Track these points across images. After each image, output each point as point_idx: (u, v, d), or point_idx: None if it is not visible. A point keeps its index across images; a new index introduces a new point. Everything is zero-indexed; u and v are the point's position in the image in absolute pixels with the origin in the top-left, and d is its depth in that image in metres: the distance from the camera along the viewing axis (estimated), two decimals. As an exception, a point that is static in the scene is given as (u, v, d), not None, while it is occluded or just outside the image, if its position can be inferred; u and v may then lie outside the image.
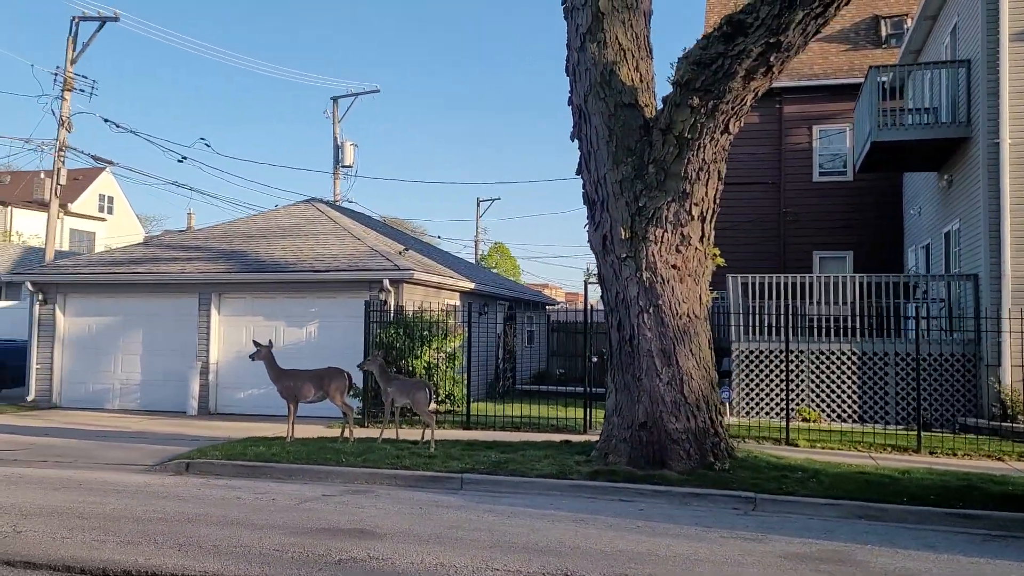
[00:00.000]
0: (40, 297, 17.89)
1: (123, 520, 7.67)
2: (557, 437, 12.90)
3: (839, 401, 15.37)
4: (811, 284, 16.11)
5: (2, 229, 41.18)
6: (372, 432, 13.01)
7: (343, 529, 7.44)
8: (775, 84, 20.00)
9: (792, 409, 14.60)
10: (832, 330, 15.58)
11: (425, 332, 14.96)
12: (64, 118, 24.46)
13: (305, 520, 7.78)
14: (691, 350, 10.09)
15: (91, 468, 10.62)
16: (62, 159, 24.67)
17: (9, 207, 41.90)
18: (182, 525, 7.49)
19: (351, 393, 13.08)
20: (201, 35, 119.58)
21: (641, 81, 10.45)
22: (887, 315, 15.53)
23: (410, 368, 14.57)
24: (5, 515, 7.78)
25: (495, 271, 46.92)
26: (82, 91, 25.45)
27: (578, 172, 10.92)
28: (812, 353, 15.48)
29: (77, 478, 9.87)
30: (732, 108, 9.74)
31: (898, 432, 13.39)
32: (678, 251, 10.08)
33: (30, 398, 17.72)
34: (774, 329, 15.78)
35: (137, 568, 6.10)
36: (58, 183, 24.95)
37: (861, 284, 15.78)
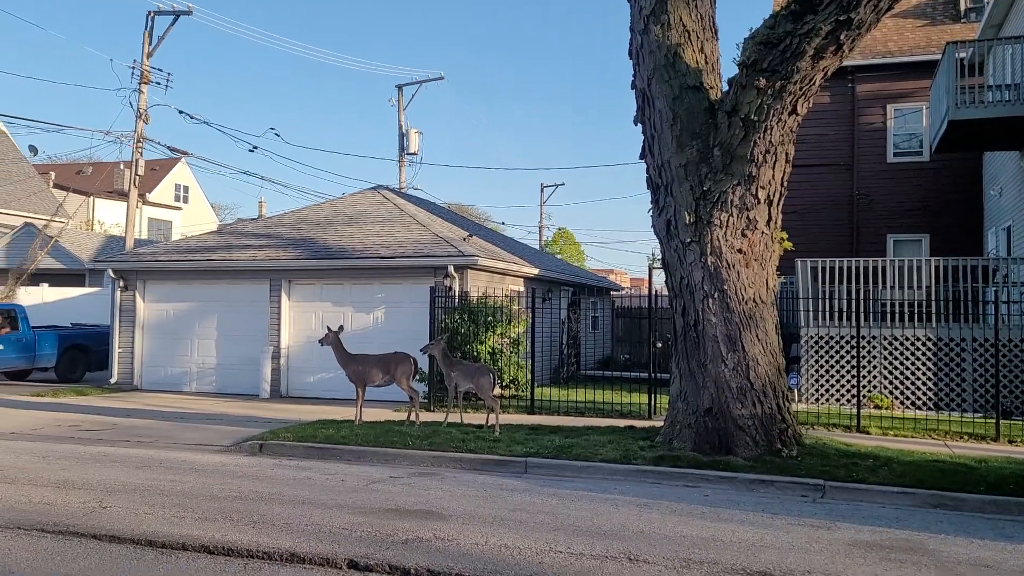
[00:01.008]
0: (121, 284, 18.58)
1: (200, 498, 7.97)
2: (621, 422, 12.89)
3: (913, 388, 14.96)
4: (884, 268, 15.68)
5: (85, 218, 42.82)
6: (437, 416, 13.20)
7: (410, 510, 7.60)
8: (847, 62, 19.43)
9: (863, 396, 14.28)
10: (906, 315, 15.16)
11: (489, 318, 15.07)
12: (141, 110, 25.26)
13: (373, 501, 7.96)
14: (757, 336, 9.96)
15: (170, 448, 11.04)
16: (140, 150, 25.50)
17: (91, 197, 43.52)
18: (256, 503, 7.75)
19: (417, 378, 13.28)
20: (270, 27, 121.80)
21: (706, 63, 10.30)
22: (965, 300, 15.03)
23: (475, 353, 14.70)
24: (91, 491, 8.17)
25: (559, 257, 46.90)
26: (158, 84, 26.24)
27: (641, 156, 10.83)
28: (885, 339, 15.10)
29: (157, 457, 10.28)
30: (800, 88, 9.53)
31: (975, 420, 13.00)
32: (744, 235, 9.94)
33: (113, 381, 18.47)
34: (845, 314, 15.43)
35: (214, 543, 6.35)
36: (136, 174, 25.80)
37: (937, 268, 15.30)
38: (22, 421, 13.14)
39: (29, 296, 24.69)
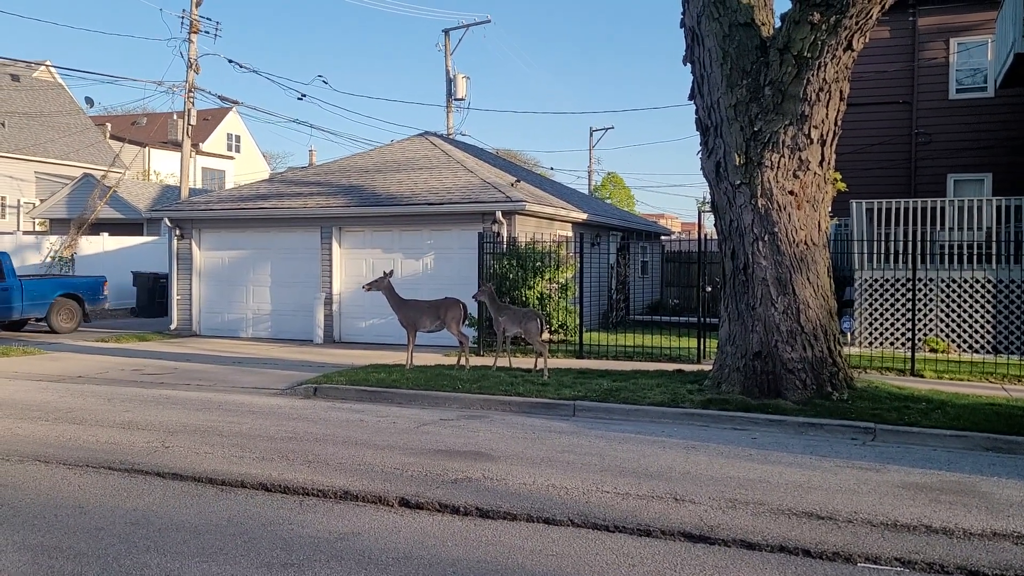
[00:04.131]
0: (177, 232, 19.01)
1: (258, 438, 8.24)
2: (670, 366, 12.89)
3: (970, 331, 14.65)
4: (943, 208, 15.25)
5: (141, 169, 43.68)
6: (486, 360, 13.35)
7: (459, 451, 7.76)
8: (907, -6, 18.61)
9: (919, 339, 14.04)
10: (965, 257, 14.78)
11: (537, 263, 15.09)
12: (192, 60, 25.50)
13: (424, 442, 8.15)
14: (808, 278, 9.82)
15: (228, 391, 11.39)
16: (192, 100, 25.81)
17: (146, 148, 44.33)
18: (311, 444, 7.99)
19: (467, 323, 13.41)
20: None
21: (758, -2, 9.99)
22: (1028, 241, 14.56)
23: (523, 299, 14.77)
24: (155, 432, 8.50)
25: (608, 201, 46.50)
26: (207, 33, 26.46)
27: (691, 97, 10.63)
28: (942, 281, 14.75)
29: (216, 400, 10.62)
30: (856, 23, 9.21)
31: (1035, 364, 12.70)
32: (795, 176, 9.74)
33: (173, 327, 19.02)
34: (900, 256, 15.09)
35: (271, 481, 6.59)
36: (189, 123, 26.16)
37: (999, 208, 14.83)
38: (88, 365, 13.66)
39: (90, 245, 25.43)
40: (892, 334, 15.11)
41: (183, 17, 25.44)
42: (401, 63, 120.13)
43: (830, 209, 10.44)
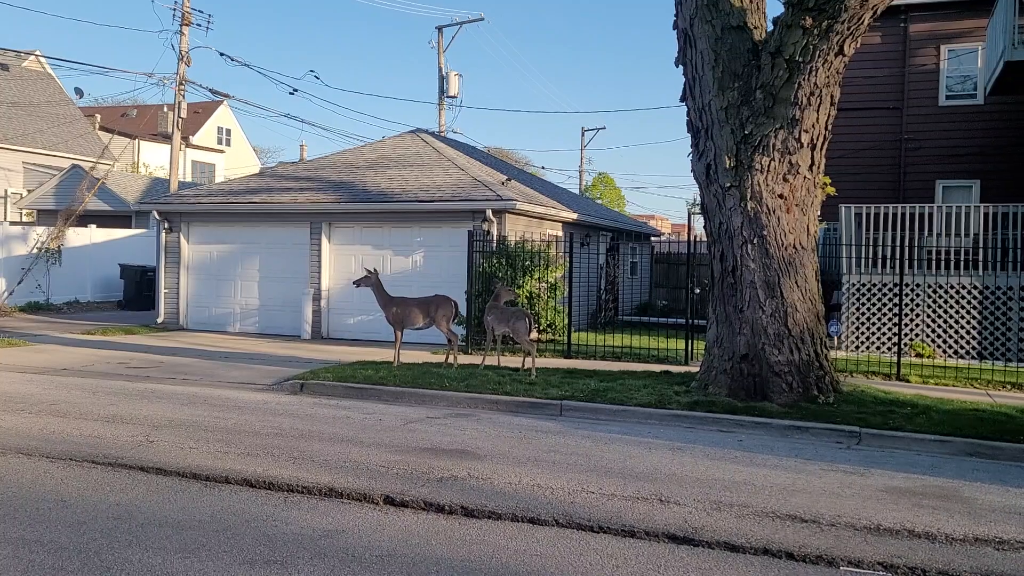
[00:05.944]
0: (166, 225, 18.90)
1: (243, 434, 8.21)
2: (657, 367, 12.91)
3: (956, 337, 14.74)
4: (931, 214, 15.34)
5: (130, 161, 43.40)
6: (475, 359, 13.34)
7: (445, 449, 7.75)
8: (899, 0, 18.72)
9: (905, 344, 14.12)
10: (952, 263, 14.87)
11: (527, 262, 15.07)
12: (183, 52, 25.39)
13: (410, 440, 8.13)
14: (796, 282, 9.86)
15: (214, 386, 11.33)
16: (182, 93, 25.71)
17: (136, 140, 44.07)
18: (296, 440, 7.97)
19: (456, 321, 13.39)
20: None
21: (751, 2, 10.02)
22: (1014, 247, 14.66)
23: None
24: (139, 426, 8.46)
25: (599, 202, 46.54)
26: (199, 25, 26.31)
27: (682, 99, 10.65)
28: (929, 287, 14.84)
29: (202, 394, 10.57)
30: (848, 28, 9.24)
31: (1019, 369, 12.79)
32: (785, 180, 9.77)
33: (160, 320, 18.90)
34: (888, 261, 15.17)
35: (256, 477, 6.56)
36: (179, 116, 26.06)
37: (987, 214, 14.93)
38: (73, 358, 13.57)
39: (78, 237, 25.24)
40: (879, 338, 15.19)
41: (175, 9, 25.35)
42: (394, 60, 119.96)
43: (819, 213, 10.49)
